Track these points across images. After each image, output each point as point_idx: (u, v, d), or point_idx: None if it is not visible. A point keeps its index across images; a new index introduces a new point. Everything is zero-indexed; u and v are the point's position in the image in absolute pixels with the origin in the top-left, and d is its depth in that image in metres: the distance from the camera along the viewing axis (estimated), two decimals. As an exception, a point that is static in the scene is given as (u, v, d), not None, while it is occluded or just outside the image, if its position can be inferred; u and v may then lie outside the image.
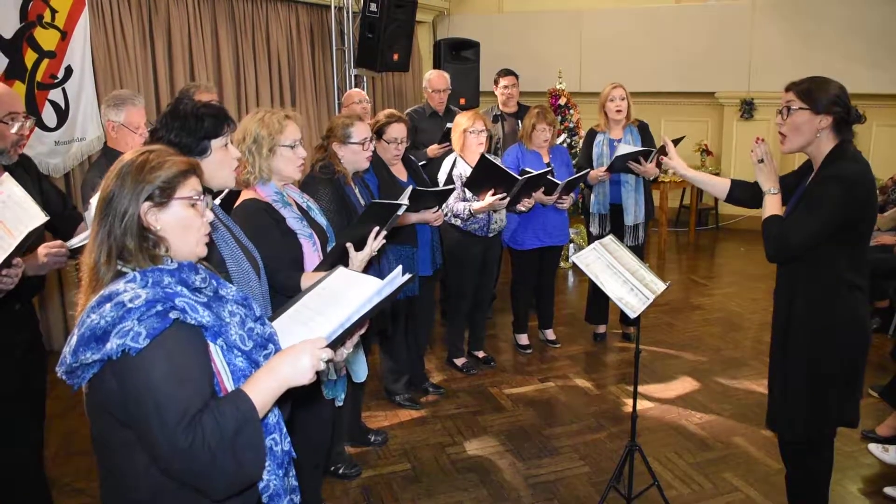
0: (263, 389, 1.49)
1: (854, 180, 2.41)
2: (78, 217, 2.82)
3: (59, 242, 2.47)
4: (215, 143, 2.09)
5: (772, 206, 2.63)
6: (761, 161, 2.70)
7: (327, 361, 1.55)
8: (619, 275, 2.98)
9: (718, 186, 3.00)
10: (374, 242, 2.80)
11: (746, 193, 2.92)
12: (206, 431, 1.39)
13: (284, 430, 1.64)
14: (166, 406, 1.38)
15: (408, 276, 1.71)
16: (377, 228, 2.82)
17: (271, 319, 1.81)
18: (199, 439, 1.38)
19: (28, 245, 2.27)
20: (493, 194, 4.17)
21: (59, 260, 2.49)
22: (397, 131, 3.83)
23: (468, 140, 4.32)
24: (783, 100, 2.56)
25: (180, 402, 1.39)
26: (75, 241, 2.51)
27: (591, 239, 5.08)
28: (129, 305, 1.40)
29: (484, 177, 4.11)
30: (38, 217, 2.17)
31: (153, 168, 1.53)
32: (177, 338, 1.43)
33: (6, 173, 2.32)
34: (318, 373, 1.55)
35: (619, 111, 4.77)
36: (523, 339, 5.14)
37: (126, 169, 1.54)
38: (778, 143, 2.65)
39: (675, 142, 4.76)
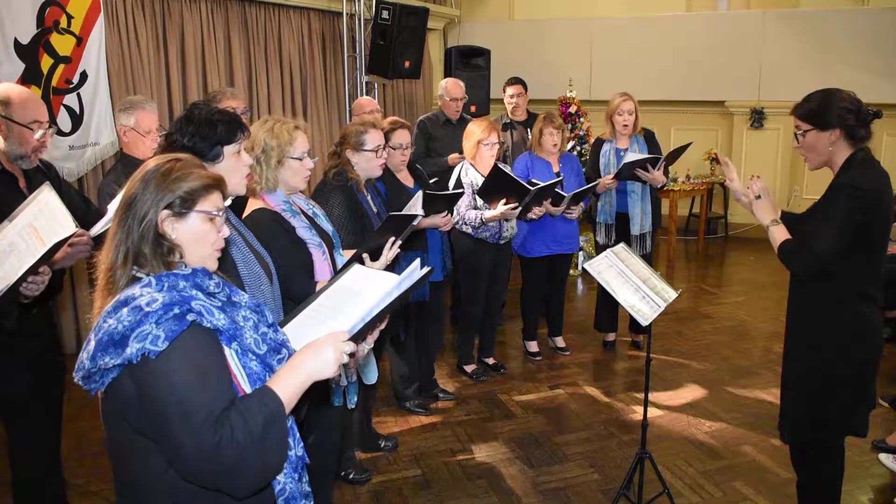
0: (289, 385, 1.50)
1: (863, 186, 2.43)
2: (101, 216, 2.85)
3: (80, 231, 2.49)
4: (228, 150, 2.11)
5: (779, 234, 2.62)
6: (758, 197, 2.68)
7: (350, 355, 1.56)
8: (631, 283, 2.99)
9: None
10: (389, 252, 2.83)
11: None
12: (234, 429, 1.40)
13: (298, 435, 1.64)
14: (191, 406, 1.39)
15: (427, 269, 1.70)
16: (392, 238, 2.85)
17: (287, 320, 1.82)
18: (226, 437, 1.39)
19: (56, 253, 2.29)
20: (505, 203, 4.18)
21: (83, 249, 2.51)
22: (401, 137, 3.83)
23: (481, 151, 4.34)
24: (794, 125, 2.62)
25: (205, 402, 1.40)
26: (97, 229, 2.53)
27: (598, 248, 5.09)
28: (147, 309, 1.40)
29: (496, 186, 4.13)
30: (68, 227, 2.20)
31: (178, 178, 1.54)
32: (195, 340, 1.44)
33: (48, 182, 2.35)
34: (328, 379, 1.56)
35: (625, 125, 4.78)
36: (533, 346, 5.15)
37: (151, 174, 1.55)
38: (784, 153, 2.68)
39: (682, 149, 4.81)
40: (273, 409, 1.46)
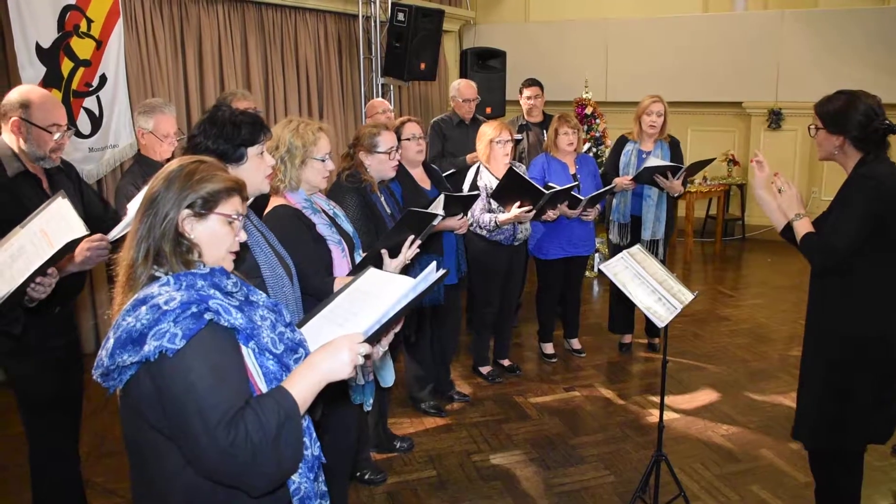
0: (304, 386, 1.51)
1: (880, 178, 2.43)
2: (119, 221, 2.89)
3: (99, 235, 2.52)
4: (251, 151, 2.14)
5: (803, 227, 2.61)
6: (780, 191, 2.68)
7: (365, 357, 1.57)
8: (647, 284, 2.98)
9: (779, 219, 2.79)
10: (409, 251, 2.85)
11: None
12: (248, 428, 1.41)
13: (314, 434, 1.66)
14: (207, 405, 1.40)
15: (442, 271, 1.71)
16: (412, 237, 2.86)
17: (304, 321, 1.84)
18: (241, 436, 1.40)
19: (65, 256, 2.32)
20: (520, 206, 4.18)
21: (101, 253, 2.54)
22: (412, 128, 3.89)
23: (494, 150, 4.34)
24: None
25: (221, 401, 1.41)
26: (115, 233, 2.57)
27: (610, 246, 5.08)
28: (165, 308, 1.42)
29: (511, 189, 4.13)
30: (79, 230, 2.22)
31: (202, 179, 1.57)
32: (212, 338, 1.46)
33: (62, 191, 2.38)
34: (344, 379, 1.57)
35: (652, 126, 4.76)
36: (548, 348, 5.14)
37: (175, 174, 1.57)
38: (802, 155, 2.68)
39: (705, 162, 4.78)
40: (287, 409, 1.47)
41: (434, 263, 1.75)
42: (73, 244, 2.25)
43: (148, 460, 1.53)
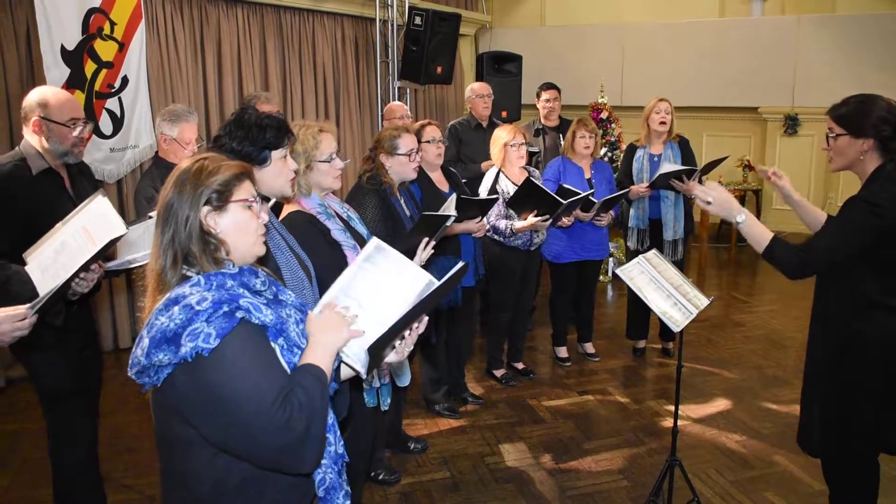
0: (320, 359, 1.60)
1: (884, 203, 2.36)
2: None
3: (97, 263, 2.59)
4: (275, 154, 2.17)
5: (754, 228, 2.55)
6: (709, 203, 2.59)
7: (391, 350, 1.64)
8: (663, 289, 3.00)
9: (810, 216, 2.81)
10: (423, 252, 2.88)
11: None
12: (301, 402, 1.48)
13: (339, 433, 1.69)
14: (258, 391, 1.45)
15: (461, 263, 1.74)
16: (426, 239, 2.89)
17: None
18: (296, 411, 1.47)
19: (105, 254, 2.38)
20: (536, 215, 4.21)
21: (94, 277, 2.62)
22: (432, 131, 3.92)
23: (509, 154, 4.37)
24: (826, 125, 2.58)
25: (272, 384, 1.47)
26: (113, 265, 2.67)
27: (629, 253, 5.09)
28: (197, 308, 1.46)
29: (527, 198, 4.15)
30: (119, 228, 2.29)
31: (210, 173, 1.60)
32: (245, 335, 1.50)
33: (101, 189, 2.46)
34: (361, 380, 1.62)
35: (662, 123, 4.79)
36: (562, 351, 5.15)
37: (184, 176, 1.60)
38: (819, 161, 2.66)
39: (718, 161, 4.79)
40: (321, 379, 1.56)
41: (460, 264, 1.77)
42: (115, 242, 2.33)
43: (177, 455, 1.57)
